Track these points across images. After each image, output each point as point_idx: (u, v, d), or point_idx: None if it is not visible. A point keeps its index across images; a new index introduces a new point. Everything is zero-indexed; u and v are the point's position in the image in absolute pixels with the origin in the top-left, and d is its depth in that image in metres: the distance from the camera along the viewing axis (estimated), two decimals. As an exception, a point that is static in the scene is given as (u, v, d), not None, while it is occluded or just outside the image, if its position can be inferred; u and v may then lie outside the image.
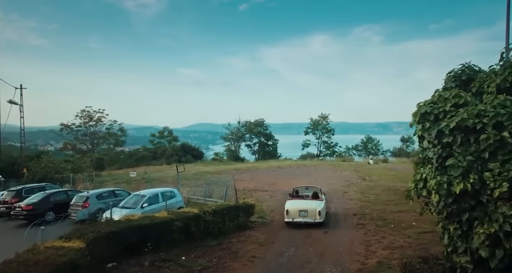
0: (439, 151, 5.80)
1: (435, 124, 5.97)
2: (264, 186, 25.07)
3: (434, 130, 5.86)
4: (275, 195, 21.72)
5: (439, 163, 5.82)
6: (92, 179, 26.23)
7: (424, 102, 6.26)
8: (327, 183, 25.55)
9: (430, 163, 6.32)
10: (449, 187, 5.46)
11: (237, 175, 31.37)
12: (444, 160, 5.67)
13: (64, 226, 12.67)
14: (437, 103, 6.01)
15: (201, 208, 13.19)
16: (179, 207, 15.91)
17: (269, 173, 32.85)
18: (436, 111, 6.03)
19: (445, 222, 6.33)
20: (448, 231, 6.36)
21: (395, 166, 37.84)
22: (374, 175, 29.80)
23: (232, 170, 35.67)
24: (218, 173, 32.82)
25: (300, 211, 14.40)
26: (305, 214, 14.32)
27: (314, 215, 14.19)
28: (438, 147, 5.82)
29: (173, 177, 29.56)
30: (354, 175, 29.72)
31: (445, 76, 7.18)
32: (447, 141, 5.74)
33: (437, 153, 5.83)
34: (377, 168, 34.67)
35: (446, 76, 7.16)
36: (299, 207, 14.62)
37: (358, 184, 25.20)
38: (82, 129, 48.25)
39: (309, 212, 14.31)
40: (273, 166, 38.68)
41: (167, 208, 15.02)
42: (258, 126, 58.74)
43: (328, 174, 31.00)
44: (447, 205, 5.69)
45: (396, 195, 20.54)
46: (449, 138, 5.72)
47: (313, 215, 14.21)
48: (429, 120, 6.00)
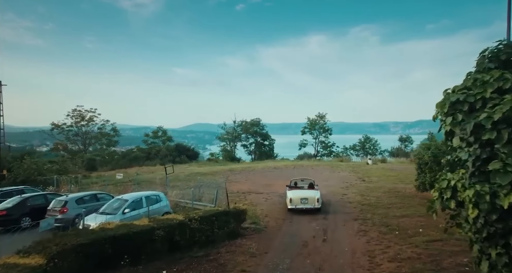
0: (477, 151, 4.43)
1: (470, 116, 4.63)
2: (259, 188, 23.79)
3: (469, 124, 4.52)
4: (270, 197, 20.44)
5: (476, 168, 4.44)
6: (78, 181, 24.82)
7: (454, 88, 4.85)
8: (325, 184, 24.31)
9: (463, 167, 4.93)
10: (493, 199, 4.17)
11: (232, 176, 30.10)
12: (484, 164, 4.33)
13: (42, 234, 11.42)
14: (472, 88, 4.67)
15: (187, 214, 11.87)
16: (165, 212, 14.61)
17: (265, 174, 31.59)
18: (471, 99, 4.67)
19: (485, 245, 4.96)
20: (488, 256, 4.99)
21: (394, 166, 36.67)
22: (374, 176, 28.60)
23: (226, 170, 34.37)
24: (212, 174, 31.52)
25: (302, 199, 16.62)
26: (306, 202, 16.57)
27: (314, 202, 16.51)
28: (475, 146, 4.45)
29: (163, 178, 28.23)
30: (353, 176, 28.51)
31: (478, 57, 5.75)
32: (488, 138, 4.38)
33: (473, 154, 4.45)
34: (376, 169, 33.48)
35: (479, 57, 5.70)
36: (300, 195, 16.86)
37: (358, 185, 23.96)
38: (73, 129, 46.80)
39: (309, 200, 16.56)
40: (269, 167, 37.41)
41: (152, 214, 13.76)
42: (254, 126, 57.42)
43: (326, 174, 29.77)
44: (488, 223, 4.34)
45: (398, 198, 19.34)
46: (491, 134, 4.37)
47: (312, 202, 16.52)
48: (462, 111, 4.66)
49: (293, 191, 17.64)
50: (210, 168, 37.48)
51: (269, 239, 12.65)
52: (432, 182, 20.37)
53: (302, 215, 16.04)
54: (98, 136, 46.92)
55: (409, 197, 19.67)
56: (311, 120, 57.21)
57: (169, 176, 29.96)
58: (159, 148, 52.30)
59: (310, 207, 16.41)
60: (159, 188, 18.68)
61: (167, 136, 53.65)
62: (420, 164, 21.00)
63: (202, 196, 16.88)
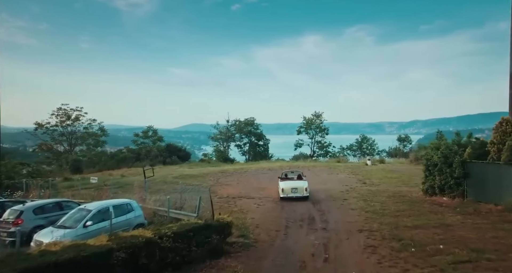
0: None
1: None
2: (251, 191, 21.56)
3: None
4: (263, 203, 18.21)
5: None
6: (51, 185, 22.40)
7: None
8: (324, 188, 22.13)
9: None
10: None
11: (222, 178, 27.84)
12: None
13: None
14: None
15: (158, 229, 9.58)
16: (138, 224, 12.34)
17: (258, 175, 29.36)
18: None
19: None
20: None
21: (395, 167, 34.59)
22: (374, 177, 26.47)
23: (217, 172, 32.10)
24: (201, 176, 29.23)
25: (292, 188, 18.82)
26: (296, 191, 18.72)
27: (302, 191, 18.76)
28: None
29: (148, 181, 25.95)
30: (353, 178, 26.36)
31: None
32: None
33: None
34: (376, 170, 31.37)
35: None
36: (291, 185, 19.07)
37: (358, 189, 21.80)
38: (58, 129, 44.25)
39: (299, 189, 18.78)
40: (263, 168, 35.18)
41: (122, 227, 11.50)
42: (248, 125, 55.14)
43: (323, 177, 27.59)
44: None
45: (405, 203, 17.18)
46: None
47: (301, 191, 18.75)
48: None
49: (284, 182, 19.77)
50: (201, 170, 35.18)
51: (259, 258, 10.40)
52: (442, 185, 18.34)
53: (299, 227, 13.83)
54: (84, 136, 44.40)
55: (417, 202, 17.52)
56: (307, 119, 55.02)
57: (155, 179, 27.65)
58: (150, 148, 49.90)
59: (300, 195, 18.61)
60: (137, 194, 16.40)
61: (157, 136, 51.18)
62: (428, 166, 18.88)
63: (184, 203, 14.59)
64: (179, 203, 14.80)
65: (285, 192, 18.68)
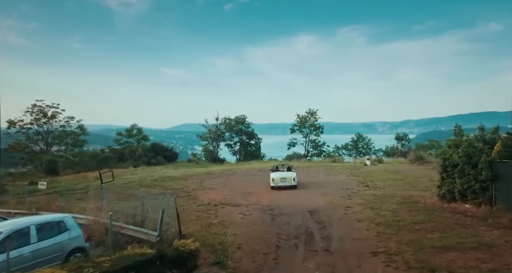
0: None
1: None
2: (237, 197, 18.27)
3: None
4: (250, 212, 14.92)
5: None
6: (0, 191, 18.89)
7: None
8: (321, 192, 18.94)
9: None
10: None
11: (207, 181, 24.51)
12: None
13: None
14: None
15: (79, 265, 6.25)
16: (74, 248, 8.98)
17: (247, 178, 26.11)
18: None
19: None
20: None
21: (396, 167, 31.55)
22: (377, 179, 23.35)
23: (203, 174, 28.77)
24: (184, 178, 25.86)
25: (281, 178, 20.47)
26: (285, 180, 20.36)
27: (291, 181, 20.39)
28: None
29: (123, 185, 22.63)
30: (353, 180, 23.20)
31: None
32: None
33: None
34: (377, 171, 28.28)
35: None
36: (280, 176, 20.72)
37: (362, 193, 18.63)
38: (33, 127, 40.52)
39: (287, 179, 20.42)
40: (254, 169, 31.93)
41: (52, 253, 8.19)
42: (239, 123, 51.77)
43: (320, 178, 24.40)
44: None
45: (421, 212, 14.03)
46: None
47: (290, 181, 20.40)
48: None
49: (275, 173, 21.64)
50: (185, 171, 31.80)
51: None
52: (464, 190, 15.24)
53: (293, 247, 10.55)
54: (62, 135, 40.70)
55: (434, 210, 14.38)
56: (301, 117, 51.82)
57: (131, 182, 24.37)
58: (134, 148, 46.36)
59: (288, 185, 20.28)
60: (92, 203, 12.98)
61: (142, 135, 47.55)
62: (445, 167, 15.76)
63: (146, 216, 11.23)
64: (140, 216, 11.40)
65: (275, 182, 20.37)
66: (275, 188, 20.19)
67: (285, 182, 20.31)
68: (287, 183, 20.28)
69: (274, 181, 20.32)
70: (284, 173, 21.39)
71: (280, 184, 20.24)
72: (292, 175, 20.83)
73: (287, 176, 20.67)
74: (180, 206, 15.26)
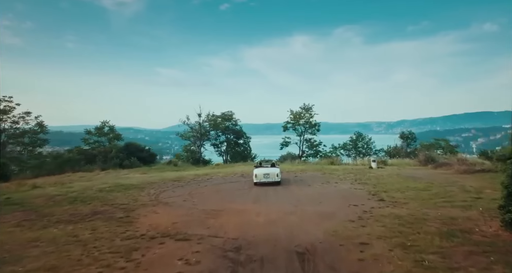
0: None
1: None
2: (194, 221, 12.01)
3: None
4: (199, 257, 8.64)
5: None
6: None
7: None
8: (319, 212, 12.74)
9: None
10: None
11: (168, 192, 18.26)
12: None
13: None
14: None
15: None
16: None
17: (224, 186, 19.93)
18: None
19: None
20: None
21: (409, 171, 25.55)
22: (393, 189, 17.26)
23: (170, 180, 22.56)
24: (140, 188, 19.61)
25: (264, 174, 19.62)
26: (268, 176, 19.51)
27: (274, 176, 19.54)
28: None
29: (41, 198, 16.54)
30: (361, 191, 17.04)
31: None
32: None
33: None
34: (387, 176, 22.22)
35: None
36: (263, 172, 19.80)
37: (378, 213, 12.44)
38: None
39: (271, 175, 19.56)
40: (236, 173, 25.77)
41: None
42: (226, 121, 45.50)
43: (317, 189, 18.21)
44: None
45: (493, 257, 7.89)
46: None
47: (273, 176, 19.53)
48: None
49: (258, 168, 20.58)
50: (151, 177, 25.54)
51: None
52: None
53: None
54: (16, 134, 34.32)
55: (508, 251, 8.28)
56: (295, 114, 45.59)
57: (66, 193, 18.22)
58: (106, 149, 40.01)
59: (271, 181, 19.34)
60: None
61: (115, 134, 41.16)
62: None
63: None
64: None
65: (258, 178, 19.47)
66: (258, 184, 19.26)
67: (268, 178, 19.36)
68: (271, 179, 19.35)
69: (257, 177, 19.46)
70: (267, 169, 20.21)
71: (263, 180, 19.35)
72: (275, 171, 19.80)
73: (270, 172, 19.58)
74: (95, 240, 9.15)
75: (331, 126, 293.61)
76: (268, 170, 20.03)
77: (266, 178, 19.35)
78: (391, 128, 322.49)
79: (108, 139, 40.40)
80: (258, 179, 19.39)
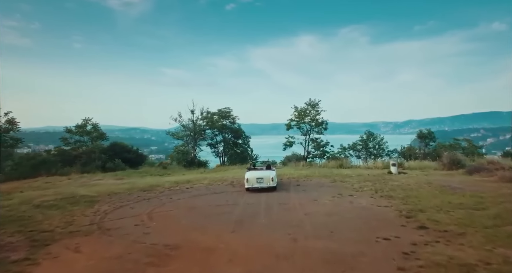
0: None
1: None
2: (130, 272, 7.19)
3: None
4: None
5: None
6: None
7: None
8: (328, 254, 7.60)
9: None
10: None
11: (122, 210, 13.38)
12: None
13: None
14: None
15: None
16: None
17: (200, 201, 14.98)
18: None
19: None
20: None
21: (438, 177, 20.46)
22: (429, 206, 12.24)
23: (139, 190, 17.76)
24: (91, 202, 14.78)
25: (257, 178, 16.56)
26: (262, 181, 16.52)
27: (268, 181, 16.47)
28: None
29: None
30: (388, 211, 11.95)
31: None
32: None
33: None
34: (416, 185, 17.16)
35: None
36: (256, 175, 16.74)
37: (427, 258, 7.40)
38: None
39: (265, 179, 16.53)
40: (226, 179, 20.86)
41: None
42: (223, 118, 40.61)
43: (326, 206, 13.15)
44: None
45: None
46: None
47: (267, 181, 16.47)
48: None
49: (250, 172, 17.46)
50: (123, 183, 20.76)
51: None
52: None
53: None
54: (-17, 132, 29.98)
55: None
56: (299, 110, 40.52)
57: None
58: (87, 149, 35.42)
59: (265, 186, 16.36)
60: None
61: (98, 132, 36.52)
62: None
63: None
64: None
65: (250, 182, 16.60)
66: (250, 190, 16.51)
67: (261, 183, 16.59)
68: (264, 184, 16.59)
69: (249, 182, 16.68)
70: (261, 172, 17.25)
71: (256, 186, 16.57)
72: (270, 174, 16.83)
73: (264, 176, 16.72)
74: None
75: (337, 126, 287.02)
76: (262, 173, 16.99)
77: (259, 183, 16.43)
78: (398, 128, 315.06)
79: (90, 138, 35.74)
80: (250, 184, 16.53)
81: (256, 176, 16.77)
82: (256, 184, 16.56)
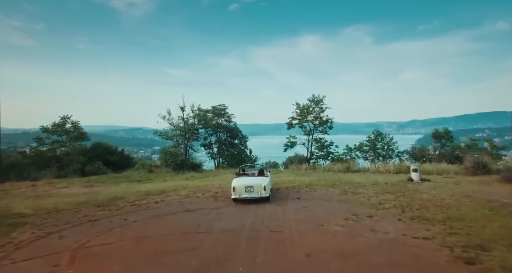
0: None
1: None
2: None
3: None
4: None
5: None
6: None
7: None
8: None
9: None
10: None
11: (45, 241, 9.34)
12: None
13: None
14: None
15: None
16: None
17: (162, 225, 10.93)
18: None
19: None
20: None
21: (472, 186, 16.31)
22: (489, 235, 8.12)
23: (92, 206, 13.79)
24: (20, 224, 10.86)
25: (246, 187, 13.51)
26: (251, 190, 13.48)
27: (260, 190, 13.45)
28: None
29: None
30: (431, 247, 7.87)
31: None
32: None
33: None
34: (451, 199, 13.03)
35: None
36: (245, 183, 13.66)
37: None
38: None
39: (255, 188, 13.50)
40: (210, 189, 16.80)
41: None
42: (218, 116, 36.55)
43: (338, 240, 9.03)
44: None
45: None
46: None
47: (258, 191, 13.45)
48: None
49: (238, 178, 14.30)
50: (84, 193, 16.79)
51: None
52: None
53: None
54: None
55: None
56: (302, 107, 36.34)
57: None
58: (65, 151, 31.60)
59: (256, 196, 13.29)
60: None
61: (79, 132, 32.64)
62: None
63: None
64: None
65: (237, 192, 13.43)
66: (238, 201, 13.30)
67: (251, 193, 13.33)
68: (255, 194, 13.31)
69: (236, 191, 13.41)
70: (251, 179, 13.97)
71: (245, 196, 13.32)
72: (262, 182, 13.55)
73: (254, 184, 13.44)
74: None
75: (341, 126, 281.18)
76: (252, 180, 13.87)
77: (248, 192, 13.39)
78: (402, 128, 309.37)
79: (69, 138, 31.84)
80: (237, 194, 13.51)
81: (244, 184, 13.61)
82: (244, 194, 13.45)
